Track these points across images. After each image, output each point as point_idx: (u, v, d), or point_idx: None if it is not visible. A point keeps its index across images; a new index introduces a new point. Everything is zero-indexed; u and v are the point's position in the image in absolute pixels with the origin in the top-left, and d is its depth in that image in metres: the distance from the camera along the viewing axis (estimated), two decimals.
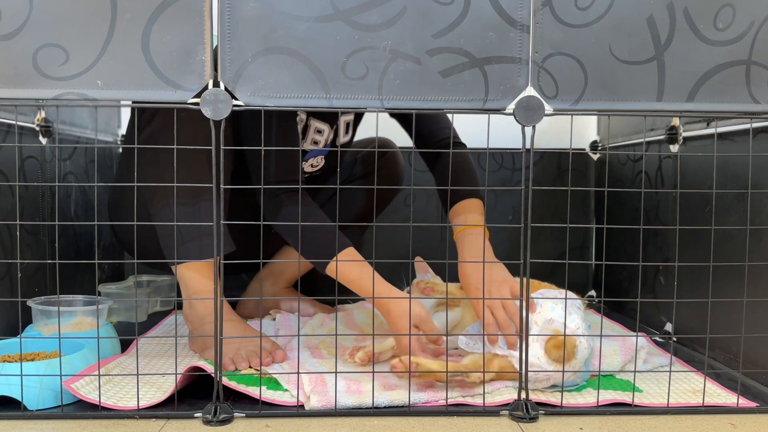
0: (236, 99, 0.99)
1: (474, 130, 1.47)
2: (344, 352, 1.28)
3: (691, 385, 1.20)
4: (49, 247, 1.52)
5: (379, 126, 1.54)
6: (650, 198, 1.67)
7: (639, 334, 1.29)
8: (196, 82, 0.98)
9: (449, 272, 1.26)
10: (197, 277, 1.29)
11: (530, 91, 1.01)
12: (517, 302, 1.16)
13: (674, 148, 1.55)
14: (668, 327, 1.53)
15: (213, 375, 1.05)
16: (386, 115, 1.65)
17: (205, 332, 1.30)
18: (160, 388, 1.12)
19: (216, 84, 0.99)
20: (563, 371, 1.16)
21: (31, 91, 0.98)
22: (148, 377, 1.16)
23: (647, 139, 1.67)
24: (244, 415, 1.05)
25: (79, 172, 1.71)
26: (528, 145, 1.03)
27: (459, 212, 1.39)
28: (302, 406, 1.07)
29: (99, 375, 1.05)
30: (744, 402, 1.11)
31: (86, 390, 1.06)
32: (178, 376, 1.08)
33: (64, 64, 0.97)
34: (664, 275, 1.56)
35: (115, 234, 1.57)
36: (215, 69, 0.99)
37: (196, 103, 0.98)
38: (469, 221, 1.34)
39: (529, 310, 1.11)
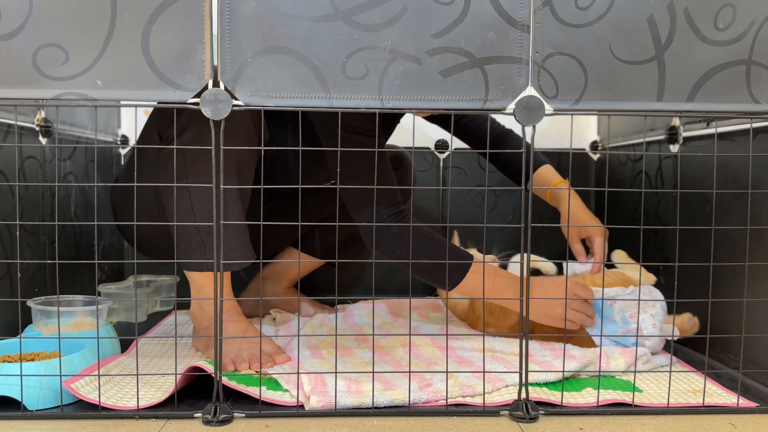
0: (236, 99, 0.99)
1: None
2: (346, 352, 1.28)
3: (691, 385, 1.20)
4: (49, 247, 1.52)
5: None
6: (650, 198, 1.67)
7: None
8: (195, 82, 0.98)
9: None
10: (208, 281, 1.29)
11: (530, 91, 1.01)
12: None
13: (674, 148, 1.55)
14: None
15: (213, 375, 1.05)
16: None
17: (212, 332, 1.30)
18: (160, 388, 1.12)
19: (216, 84, 0.99)
20: (563, 371, 1.16)
21: (31, 91, 0.98)
22: (148, 377, 1.16)
23: (647, 139, 1.67)
24: (244, 415, 1.04)
25: (79, 172, 1.71)
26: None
27: (543, 175, 1.58)
28: (302, 406, 1.07)
29: (99, 375, 1.05)
30: (744, 402, 1.11)
31: (86, 390, 1.06)
32: (178, 376, 1.08)
33: (64, 64, 0.97)
34: (664, 275, 1.56)
35: (121, 231, 1.58)
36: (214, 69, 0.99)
37: (196, 103, 0.98)
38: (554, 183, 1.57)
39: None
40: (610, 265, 1.50)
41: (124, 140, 2.01)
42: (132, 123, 2.00)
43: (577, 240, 1.50)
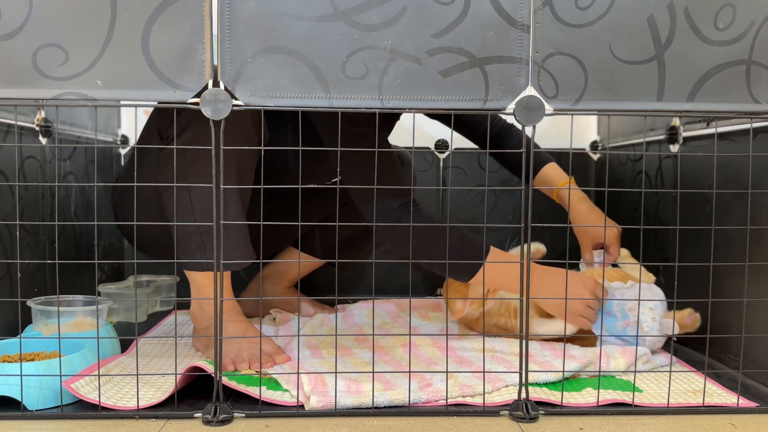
0: (236, 99, 0.99)
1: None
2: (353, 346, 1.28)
3: (691, 385, 1.20)
4: (49, 247, 1.52)
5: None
6: (650, 198, 1.67)
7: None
8: (195, 82, 0.98)
9: None
10: (208, 281, 1.29)
11: (530, 90, 1.01)
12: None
13: (674, 148, 1.55)
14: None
15: (213, 375, 1.05)
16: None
17: (212, 332, 1.30)
18: (160, 388, 1.12)
19: (216, 84, 0.99)
20: (563, 371, 1.16)
21: (31, 91, 0.98)
22: (148, 377, 1.16)
23: (647, 139, 1.67)
24: (244, 415, 1.04)
25: (79, 172, 1.71)
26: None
27: (548, 174, 1.58)
28: (302, 406, 1.07)
29: (99, 375, 1.05)
30: (744, 402, 1.11)
31: (86, 390, 1.06)
32: (178, 376, 1.08)
33: (64, 64, 0.97)
34: (664, 275, 1.56)
35: (122, 231, 1.58)
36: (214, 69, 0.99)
37: (196, 103, 0.98)
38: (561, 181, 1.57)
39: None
40: (612, 264, 1.50)
41: (124, 140, 2.01)
42: (132, 123, 2.01)
43: (590, 250, 1.49)
